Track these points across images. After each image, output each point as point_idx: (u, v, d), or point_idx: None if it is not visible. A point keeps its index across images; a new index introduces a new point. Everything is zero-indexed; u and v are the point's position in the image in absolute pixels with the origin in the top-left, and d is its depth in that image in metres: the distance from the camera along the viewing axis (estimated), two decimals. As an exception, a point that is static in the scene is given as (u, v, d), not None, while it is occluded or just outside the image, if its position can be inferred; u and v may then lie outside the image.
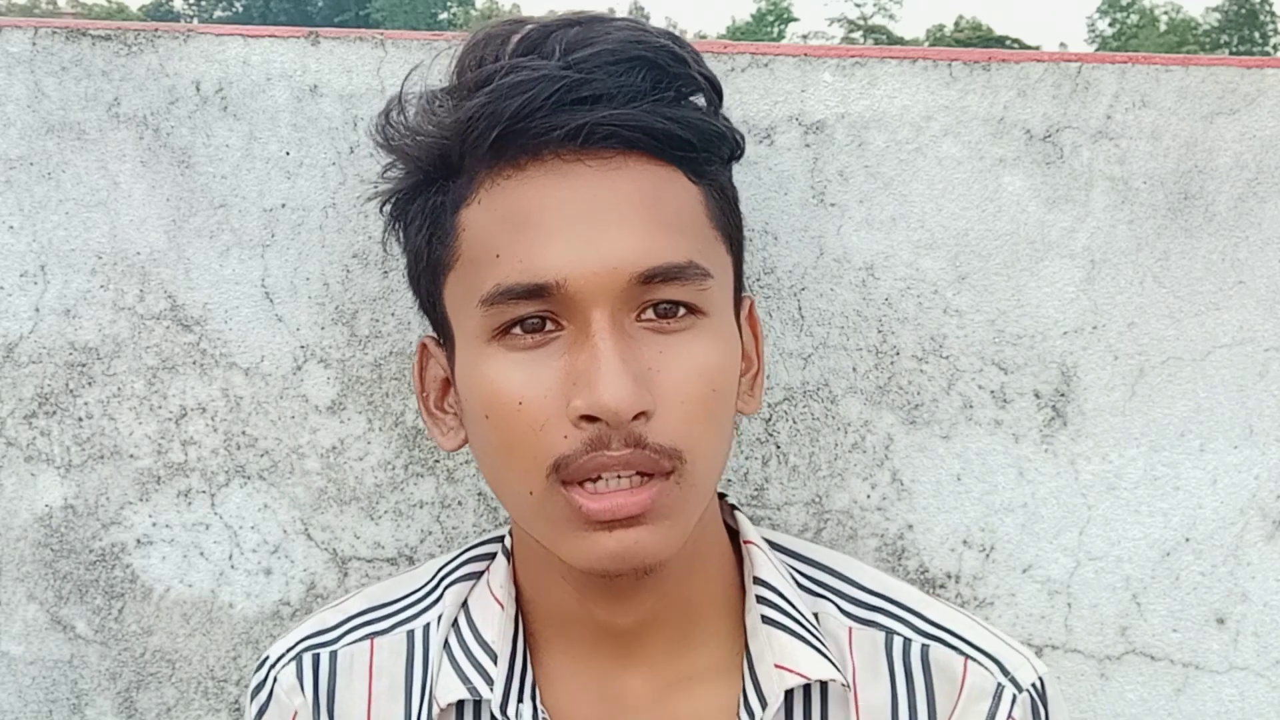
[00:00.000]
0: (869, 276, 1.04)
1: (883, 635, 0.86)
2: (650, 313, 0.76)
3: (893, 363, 1.05)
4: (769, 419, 1.06)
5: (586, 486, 0.75)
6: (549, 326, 0.76)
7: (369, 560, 1.07)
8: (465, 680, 0.84)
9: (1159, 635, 1.08)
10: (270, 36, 1.02)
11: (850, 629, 0.87)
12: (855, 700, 0.84)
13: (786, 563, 0.90)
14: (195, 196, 1.03)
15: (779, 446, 1.06)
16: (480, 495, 1.07)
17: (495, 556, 0.90)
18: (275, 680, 0.89)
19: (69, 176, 1.03)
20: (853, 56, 1.03)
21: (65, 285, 1.04)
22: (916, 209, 1.03)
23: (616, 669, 0.86)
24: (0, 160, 1.03)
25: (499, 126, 0.75)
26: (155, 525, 1.07)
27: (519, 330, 0.76)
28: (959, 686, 0.85)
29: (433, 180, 0.81)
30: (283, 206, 1.04)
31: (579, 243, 0.75)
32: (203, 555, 1.07)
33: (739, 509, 0.91)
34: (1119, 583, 1.07)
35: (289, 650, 0.90)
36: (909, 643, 0.86)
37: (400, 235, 0.86)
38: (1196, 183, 1.04)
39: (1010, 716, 0.83)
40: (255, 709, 0.90)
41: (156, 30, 1.02)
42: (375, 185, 0.88)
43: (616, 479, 0.75)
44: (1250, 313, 1.05)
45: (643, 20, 0.86)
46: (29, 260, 1.04)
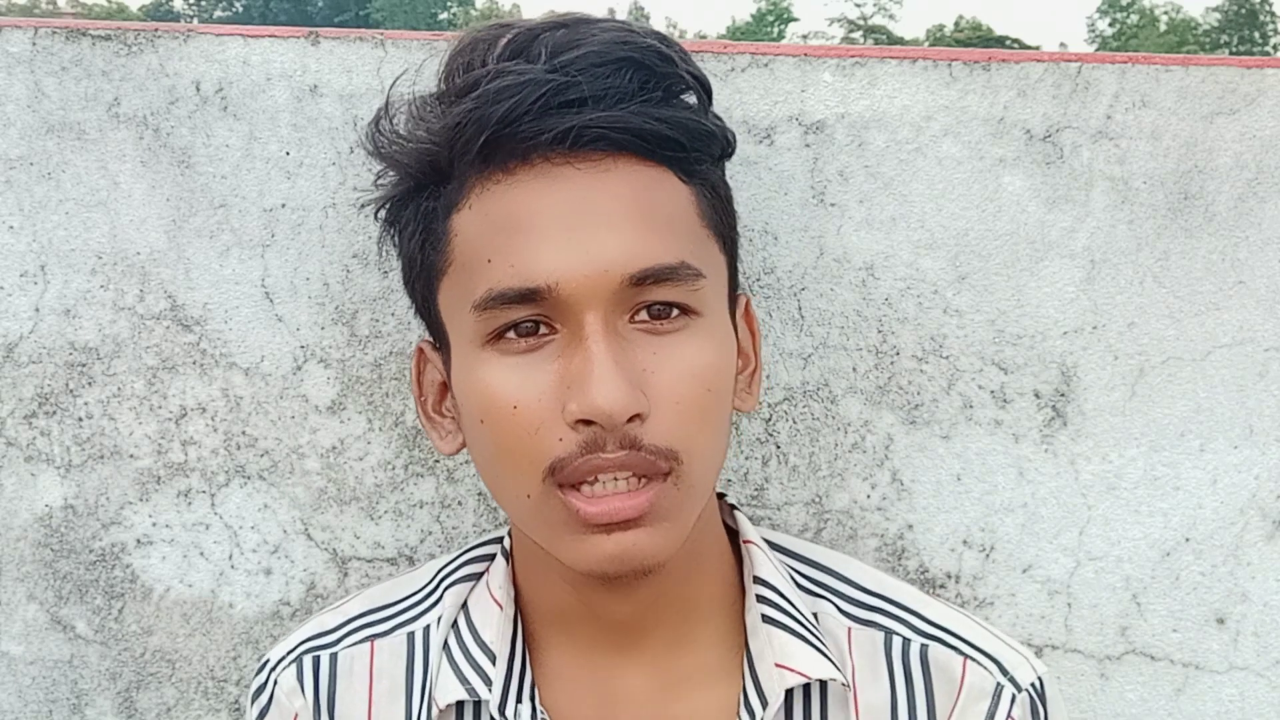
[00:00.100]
0: (869, 276, 1.04)
1: (882, 635, 0.86)
2: (643, 314, 0.76)
3: (893, 363, 1.05)
4: (769, 419, 1.06)
5: (583, 490, 0.75)
6: (542, 330, 0.76)
7: (369, 560, 1.07)
8: (464, 681, 0.84)
9: (1159, 635, 1.08)
10: (270, 36, 1.02)
11: (849, 629, 0.87)
12: (855, 700, 0.84)
13: (785, 563, 0.90)
14: (195, 196, 1.03)
15: (779, 446, 1.06)
16: (480, 495, 1.07)
17: (494, 557, 0.90)
18: (275, 683, 0.89)
19: (69, 176, 1.03)
20: (853, 56, 1.03)
21: (65, 285, 1.04)
22: (916, 209, 1.03)
23: (616, 668, 0.86)
24: (0, 160, 1.03)
25: (487, 132, 0.75)
26: (155, 525, 1.07)
27: (513, 334, 0.76)
28: (958, 686, 0.85)
29: (424, 186, 0.81)
30: (283, 206, 1.04)
31: (570, 246, 0.74)
32: (203, 555, 1.07)
33: (738, 509, 0.91)
34: (1119, 583, 1.07)
35: (289, 653, 0.90)
36: (908, 643, 0.86)
37: (395, 241, 0.86)
38: (1196, 183, 1.04)
39: (1010, 716, 0.83)
40: (256, 711, 0.90)
41: (156, 30, 1.02)
42: (371, 190, 0.88)
43: (613, 481, 0.75)
44: (1250, 313, 1.05)
45: (633, 21, 0.86)
46: (29, 260, 1.04)
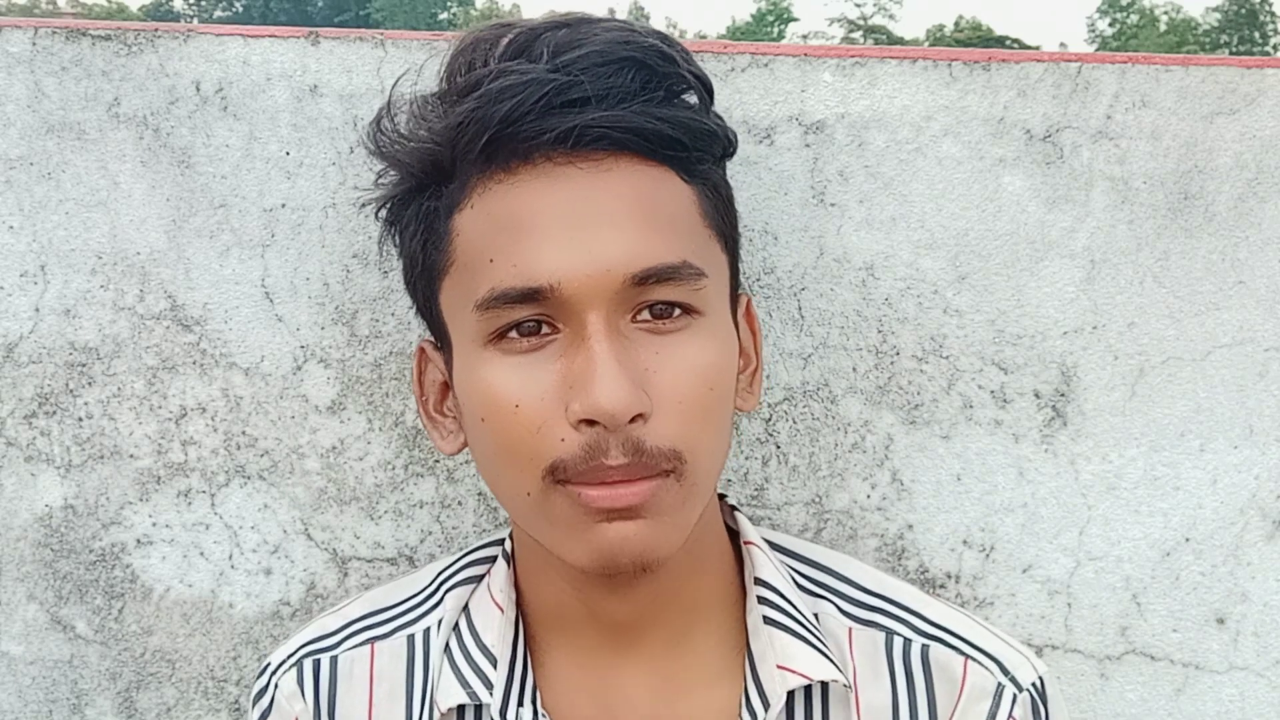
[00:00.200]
0: (869, 276, 1.04)
1: (883, 635, 0.86)
2: (646, 314, 0.76)
3: (893, 363, 1.05)
4: (769, 419, 1.06)
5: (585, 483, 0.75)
6: (545, 330, 0.76)
7: (369, 560, 1.07)
8: (465, 685, 0.84)
9: (1159, 635, 1.08)
10: (270, 36, 1.02)
11: (850, 629, 0.87)
12: (856, 701, 0.84)
13: (786, 563, 0.90)
14: (195, 196, 1.03)
15: (779, 446, 1.06)
16: (480, 495, 1.07)
17: (495, 560, 0.90)
18: (276, 686, 0.89)
19: (69, 176, 1.03)
20: (853, 56, 1.03)
21: (65, 285, 1.04)
22: (916, 209, 1.03)
23: (617, 670, 0.86)
24: (0, 160, 1.03)
25: (489, 131, 0.75)
26: (155, 525, 1.07)
27: (515, 334, 0.76)
28: (959, 686, 0.85)
29: (425, 186, 0.81)
30: (283, 206, 1.04)
31: (572, 245, 0.74)
32: (203, 555, 1.07)
33: (739, 510, 0.91)
34: (1119, 583, 1.07)
35: (290, 656, 0.90)
36: (909, 643, 0.86)
37: (395, 241, 0.86)
38: (1196, 183, 1.04)
39: (1011, 716, 0.83)
40: (257, 714, 0.90)
41: (156, 30, 1.02)
42: (372, 190, 0.88)
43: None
44: (1250, 313, 1.05)
45: (634, 20, 0.86)
46: (29, 260, 1.04)
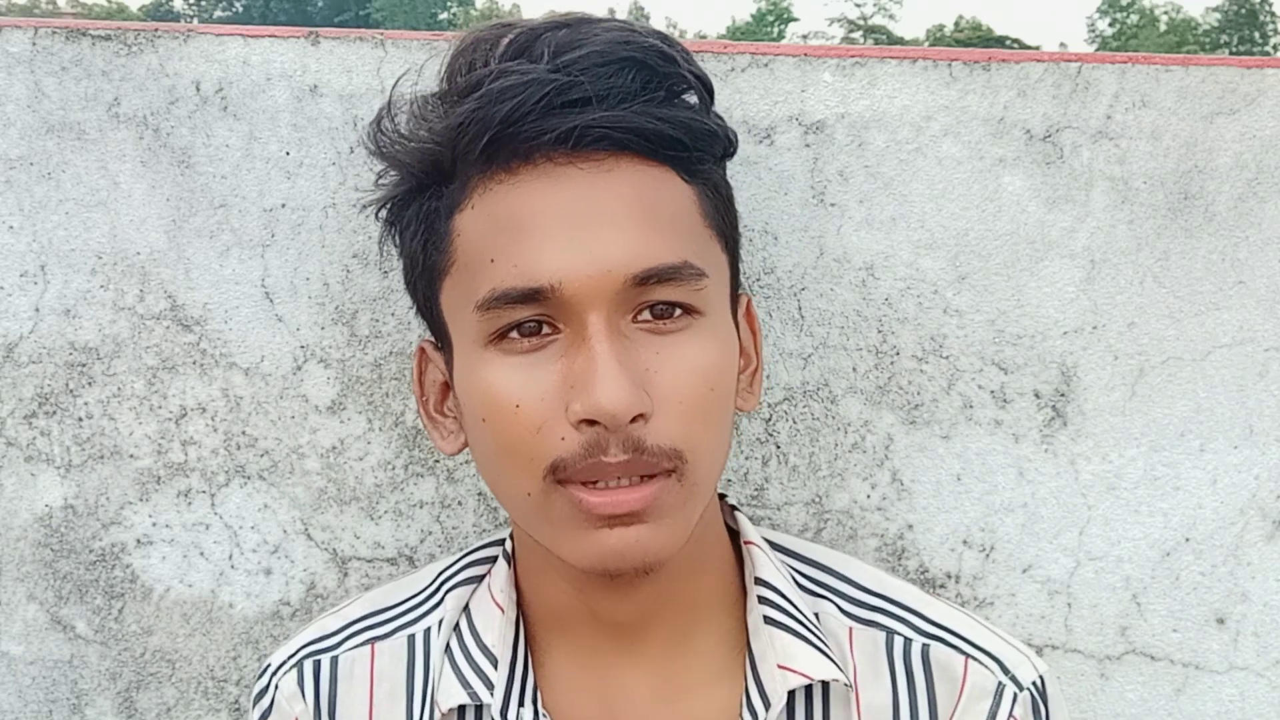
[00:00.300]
0: (869, 276, 1.04)
1: (883, 635, 0.86)
2: (646, 314, 0.76)
3: (893, 363, 1.05)
4: (769, 419, 1.06)
5: (585, 485, 0.75)
6: (545, 330, 0.76)
7: (369, 560, 1.07)
8: (466, 685, 0.84)
9: (1159, 635, 1.08)
10: (270, 36, 1.02)
11: (851, 629, 0.87)
12: (857, 700, 0.84)
13: (787, 563, 0.90)
14: (195, 196, 1.03)
15: (779, 446, 1.06)
16: (480, 495, 1.07)
17: (496, 560, 0.90)
18: (276, 687, 0.89)
19: (69, 176, 1.03)
20: (853, 56, 1.03)
21: (65, 285, 1.04)
22: (916, 209, 1.03)
23: (617, 669, 0.86)
24: (0, 160, 1.03)
25: (490, 132, 0.75)
26: (155, 525, 1.07)
27: (516, 334, 0.76)
28: (960, 686, 0.85)
29: (426, 186, 0.81)
30: (283, 206, 1.04)
31: (573, 246, 0.74)
32: (203, 555, 1.07)
33: (739, 510, 0.91)
34: (1119, 583, 1.07)
35: (290, 657, 0.90)
36: (910, 642, 0.86)
37: (396, 241, 0.86)
38: (1196, 183, 1.04)
39: (1011, 715, 0.83)
40: (257, 715, 0.90)
41: (156, 30, 1.02)
42: (373, 189, 0.88)
43: (615, 481, 0.75)
44: (1250, 313, 1.05)
45: (634, 20, 0.86)
46: (29, 260, 1.04)
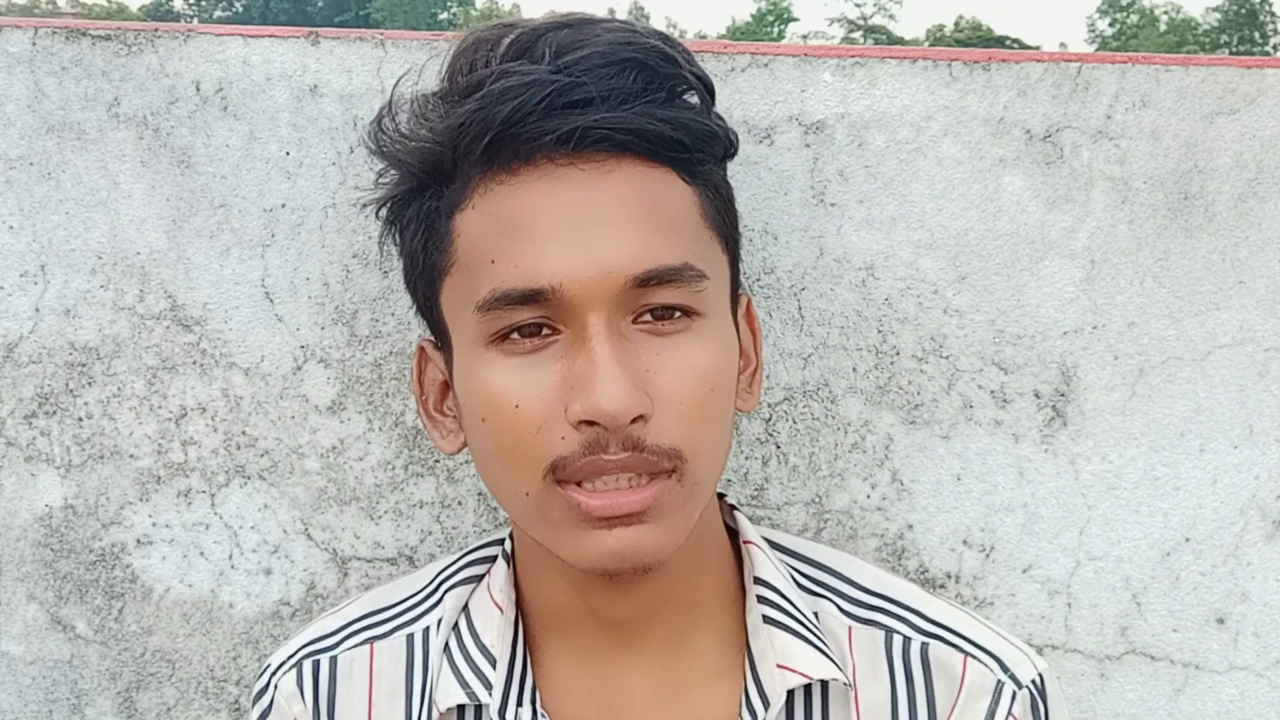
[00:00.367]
0: (869, 276, 1.04)
1: (882, 634, 0.86)
2: (647, 315, 0.76)
3: (893, 363, 1.05)
4: (769, 419, 1.06)
5: (584, 485, 0.75)
6: (546, 331, 0.76)
7: (369, 560, 1.07)
8: (464, 685, 0.84)
9: (1159, 635, 1.08)
10: (270, 36, 1.02)
11: (850, 628, 0.87)
12: (856, 700, 0.84)
13: (786, 562, 0.90)
14: (195, 196, 1.03)
15: (779, 446, 1.06)
16: (480, 495, 1.07)
17: (495, 560, 0.90)
18: (276, 688, 0.89)
19: (69, 176, 1.03)
20: (853, 56, 1.03)
21: (65, 285, 1.04)
22: (916, 209, 1.03)
23: (617, 669, 0.86)
24: (0, 160, 1.03)
25: (491, 132, 0.75)
26: (155, 525, 1.07)
27: (516, 335, 0.76)
28: (959, 684, 0.85)
29: (426, 186, 0.81)
30: (283, 206, 1.04)
31: (573, 247, 0.74)
32: (203, 555, 1.07)
33: (738, 509, 0.91)
34: (1119, 583, 1.07)
35: (289, 658, 0.90)
36: (909, 641, 0.86)
37: (396, 240, 0.86)
38: (1196, 183, 1.04)
39: (1010, 713, 0.83)
40: (256, 715, 0.90)
41: (156, 30, 1.02)
42: (373, 189, 0.88)
43: (615, 480, 0.75)
44: (1250, 313, 1.05)
45: (635, 21, 0.86)
46: (29, 260, 1.04)
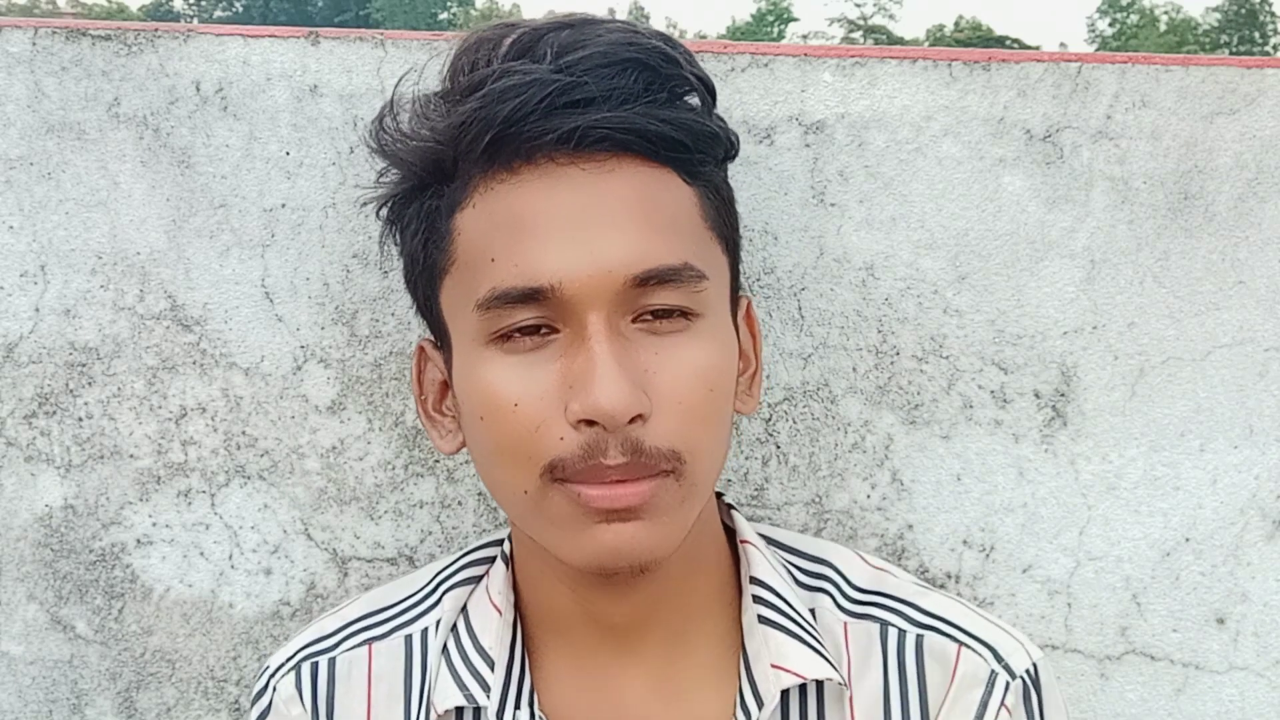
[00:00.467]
0: (869, 276, 1.04)
1: (877, 627, 0.86)
2: (646, 315, 0.76)
3: (893, 363, 1.05)
4: (769, 419, 1.06)
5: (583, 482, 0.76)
6: (545, 330, 0.76)
7: (369, 560, 1.07)
8: (462, 687, 0.84)
9: (1159, 635, 1.08)
10: (270, 36, 1.02)
11: (845, 624, 0.87)
12: (850, 699, 0.84)
13: (784, 558, 0.90)
14: (195, 196, 1.03)
15: (779, 446, 1.06)
16: (480, 495, 1.07)
17: (494, 560, 0.90)
18: (274, 690, 0.89)
19: (69, 176, 1.03)
20: (853, 56, 1.03)
21: (65, 285, 1.04)
22: (916, 209, 1.03)
23: (615, 670, 0.86)
24: (0, 160, 1.03)
25: (492, 131, 0.75)
26: (155, 525, 1.07)
27: (516, 334, 0.76)
28: (951, 674, 0.84)
29: (427, 185, 0.81)
30: (283, 206, 1.04)
31: (573, 246, 0.75)
32: (203, 555, 1.07)
33: (736, 508, 0.91)
34: (1119, 583, 1.07)
35: (288, 660, 0.90)
36: (904, 634, 0.86)
37: (397, 239, 0.86)
38: (1196, 183, 1.04)
39: (1003, 704, 0.83)
40: (255, 717, 0.90)
41: (156, 30, 1.02)
42: (373, 188, 0.88)
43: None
44: (1250, 313, 1.05)
45: (637, 22, 0.86)
46: (29, 260, 1.04)
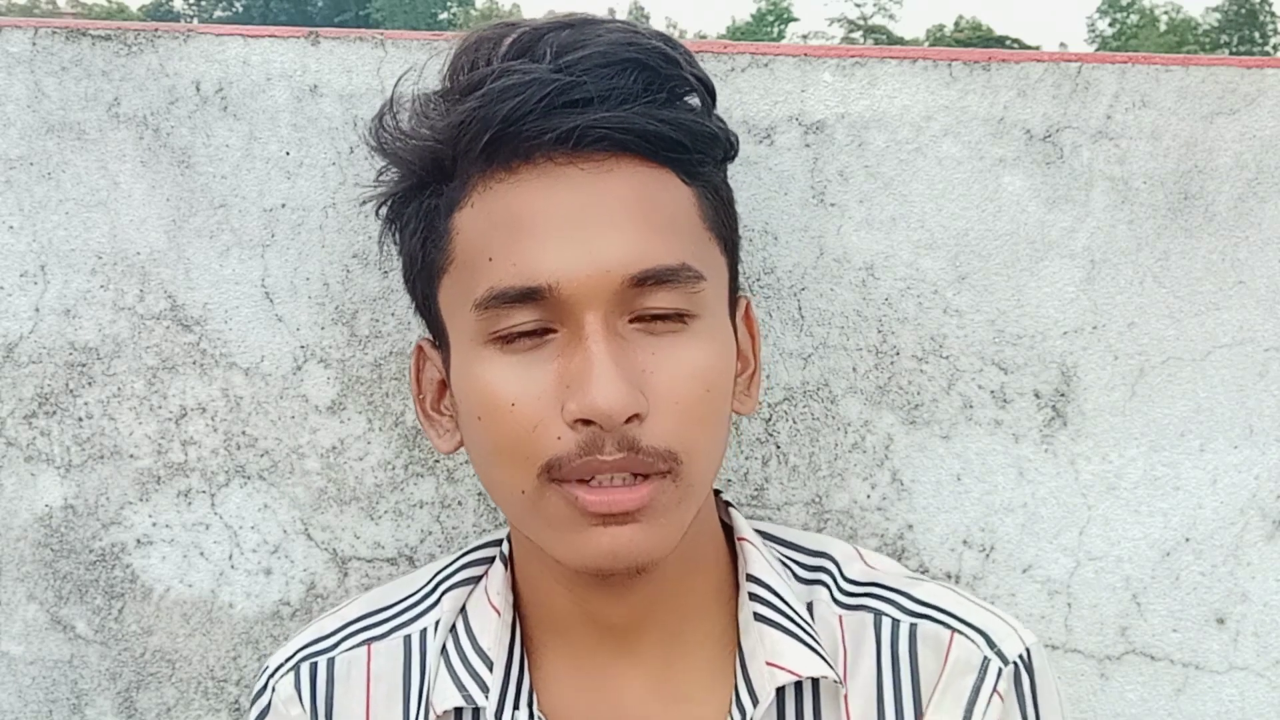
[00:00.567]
0: (869, 276, 1.04)
1: (871, 616, 0.86)
2: (644, 315, 0.76)
3: (893, 363, 1.05)
4: (769, 419, 1.06)
5: (581, 483, 0.75)
6: (543, 329, 0.76)
7: (369, 560, 1.07)
8: (461, 688, 0.84)
9: (1159, 635, 1.08)
10: (270, 36, 1.02)
11: (841, 616, 0.87)
12: (845, 697, 0.84)
13: (784, 554, 0.90)
14: (195, 196, 1.03)
15: (779, 446, 1.06)
16: (480, 495, 1.07)
17: (493, 560, 0.90)
18: (274, 690, 0.89)
19: (69, 176, 1.03)
20: (853, 56, 1.03)
21: (65, 285, 1.04)
22: (916, 209, 1.03)
23: (613, 671, 0.86)
24: (0, 160, 1.03)
25: (491, 130, 0.75)
26: (155, 525, 1.07)
27: (513, 333, 0.76)
28: (944, 661, 0.84)
29: (426, 184, 0.81)
30: (283, 206, 1.04)
31: (571, 246, 0.75)
32: (203, 555, 1.07)
33: (734, 506, 0.91)
34: (1119, 583, 1.07)
35: (287, 660, 0.90)
36: (897, 623, 0.86)
37: (395, 238, 0.86)
38: (1196, 183, 1.04)
39: (995, 690, 0.82)
40: (254, 717, 0.90)
41: (156, 30, 1.02)
42: (373, 188, 0.88)
43: (609, 480, 0.75)
44: (1250, 313, 1.05)
45: (637, 22, 0.86)
46: (29, 260, 1.04)
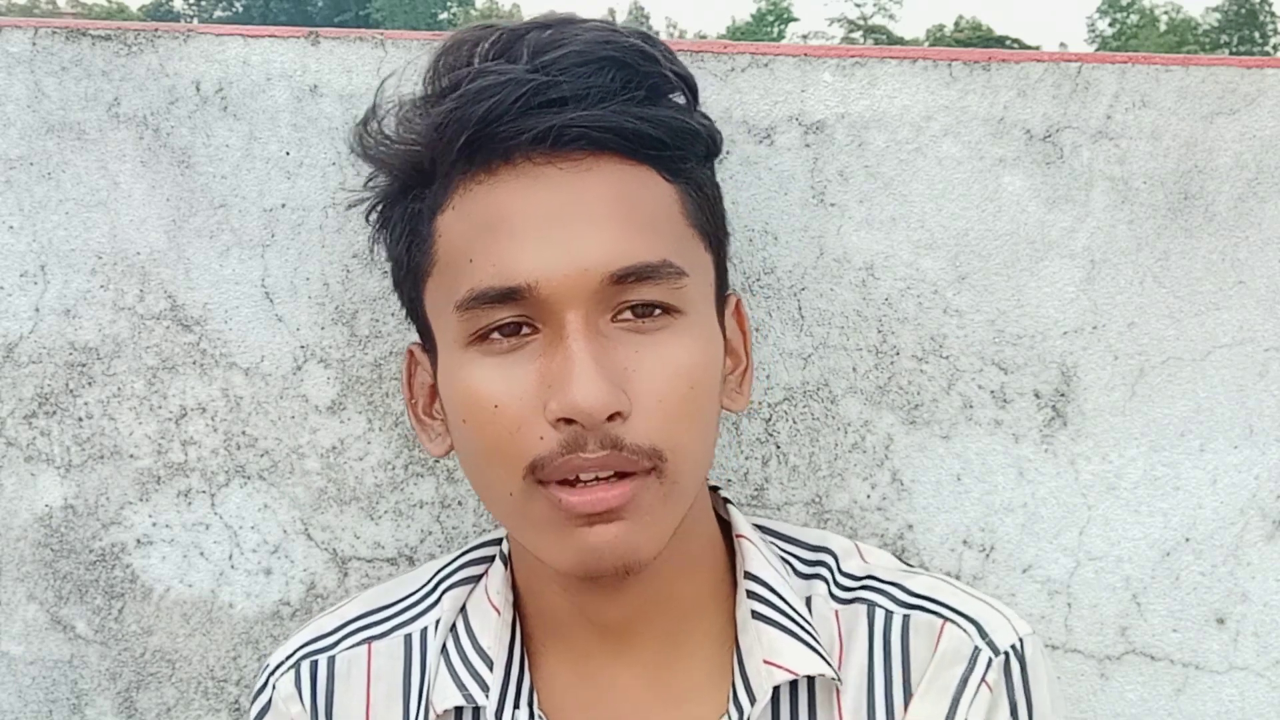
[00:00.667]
0: (869, 276, 1.04)
1: (864, 608, 0.86)
2: (627, 313, 0.76)
3: (893, 363, 1.05)
4: (769, 419, 1.06)
5: (564, 484, 0.76)
6: (524, 330, 0.76)
7: (369, 560, 1.07)
8: (461, 687, 0.84)
9: (1159, 635, 1.08)
10: (270, 36, 1.02)
11: (837, 610, 0.87)
12: (838, 694, 0.84)
13: (783, 549, 0.90)
14: (195, 196, 1.03)
15: (779, 446, 1.06)
16: (480, 495, 1.07)
17: (493, 560, 0.90)
18: (274, 688, 0.89)
19: (69, 176, 1.03)
20: (853, 56, 1.03)
21: (65, 285, 1.04)
22: (916, 209, 1.03)
23: (611, 671, 0.86)
24: (0, 160, 1.03)
25: (467, 131, 0.76)
26: (155, 525, 1.07)
27: (495, 334, 0.76)
28: (934, 650, 0.84)
29: (410, 188, 0.82)
30: (283, 206, 1.04)
31: (550, 245, 0.75)
32: (203, 555, 1.07)
33: (731, 502, 0.91)
34: (1119, 583, 1.07)
35: (287, 658, 0.90)
36: (890, 615, 0.86)
37: (384, 243, 0.87)
38: (1196, 183, 1.04)
39: (984, 680, 0.82)
40: (254, 715, 0.90)
41: (156, 30, 1.02)
42: (363, 191, 0.88)
43: (594, 479, 0.75)
44: (1250, 313, 1.05)
45: (627, 21, 0.87)
46: (29, 260, 1.04)
